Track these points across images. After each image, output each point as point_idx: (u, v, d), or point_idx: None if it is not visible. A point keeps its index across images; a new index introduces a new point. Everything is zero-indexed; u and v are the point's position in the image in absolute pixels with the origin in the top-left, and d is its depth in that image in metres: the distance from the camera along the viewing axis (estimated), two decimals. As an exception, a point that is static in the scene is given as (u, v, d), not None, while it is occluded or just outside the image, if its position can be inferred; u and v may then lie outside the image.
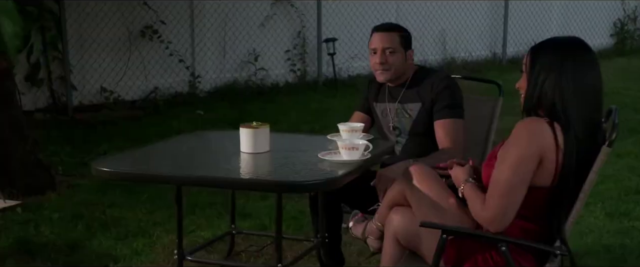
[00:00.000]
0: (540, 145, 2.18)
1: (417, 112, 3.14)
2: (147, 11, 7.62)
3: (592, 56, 2.30)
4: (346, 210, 3.14)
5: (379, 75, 3.20)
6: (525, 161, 2.19)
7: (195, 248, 2.97)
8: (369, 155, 2.59)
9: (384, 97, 3.26)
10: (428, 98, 3.12)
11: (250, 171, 2.58)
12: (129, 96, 7.63)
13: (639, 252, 3.70)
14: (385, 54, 3.15)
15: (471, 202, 2.37)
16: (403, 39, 3.20)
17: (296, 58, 8.76)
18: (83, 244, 3.96)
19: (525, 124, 2.25)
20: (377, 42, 3.18)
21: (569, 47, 2.32)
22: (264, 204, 4.59)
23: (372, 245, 2.80)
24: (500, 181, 2.22)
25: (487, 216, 2.25)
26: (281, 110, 7.58)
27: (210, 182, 2.54)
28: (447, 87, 3.10)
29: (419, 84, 3.17)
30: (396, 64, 3.16)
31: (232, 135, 3.08)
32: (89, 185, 5.07)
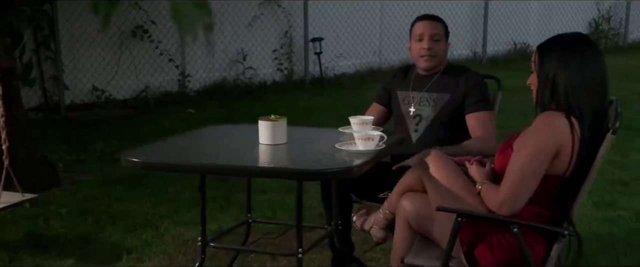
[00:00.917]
0: (557, 139, 2.36)
1: (444, 103, 3.27)
2: (137, 11, 7.72)
3: (596, 50, 2.47)
4: (355, 200, 3.31)
5: (424, 61, 3.30)
6: (542, 152, 2.36)
7: (215, 236, 3.11)
8: (384, 145, 2.75)
9: (409, 85, 3.37)
10: (459, 91, 3.25)
11: (272, 160, 2.72)
12: (121, 95, 7.73)
13: (626, 239, 3.90)
14: (433, 40, 3.27)
15: (489, 196, 2.53)
16: (446, 30, 3.36)
17: (283, 57, 8.92)
18: (93, 237, 4.08)
19: (545, 117, 2.41)
20: (424, 28, 3.29)
21: (574, 42, 2.49)
22: (263, 197, 4.73)
23: (376, 235, 2.95)
24: (515, 170, 2.39)
25: (499, 200, 2.43)
26: (269, 108, 7.66)
27: (236, 170, 2.69)
28: (479, 83, 3.27)
29: (450, 76, 3.31)
30: (440, 53, 3.30)
31: (246, 128, 3.23)
32: (92, 181, 5.18)
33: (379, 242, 2.96)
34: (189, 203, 4.68)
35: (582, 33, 2.56)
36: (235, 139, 3.07)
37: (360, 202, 3.28)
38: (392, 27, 9.84)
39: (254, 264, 3.61)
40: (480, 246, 2.51)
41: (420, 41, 3.31)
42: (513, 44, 10.89)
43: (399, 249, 2.74)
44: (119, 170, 5.49)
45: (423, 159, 2.81)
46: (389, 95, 3.49)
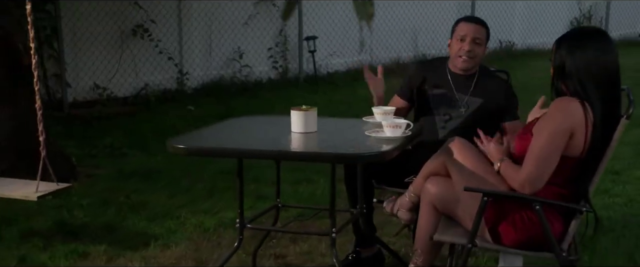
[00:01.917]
0: (571, 121, 2.60)
1: (476, 107, 3.44)
2: (138, 11, 7.87)
3: (608, 40, 2.70)
4: (375, 185, 3.52)
5: (463, 62, 3.43)
6: (559, 134, 2.60)
7: (251, 218, 3.31)
8: (410, 132, 2.98)
9: (444, 83, 3.49)
10: (493, 101, 3.41)
11: (308, 146, 2.94)
12: (121, 93, 7.88)
13: (622, 223, 4.17)
14: (474, 43, 3.42)
15: (509, 174, 2.76)
16: (488, 35, 3.50)
17: (278, 55, 9.11)
18: (118, 225, 4.26)
19: (559, 102, 2.66)
20: (468, 30, 3.42)
21: (587, 33, 2.73)
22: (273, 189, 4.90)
23: (403, 217, 3.17)
24: (536, 151, 2.63)
25: (521, 179, 2.66)
26: (266, 105, 7.92)
27: (277, 155, 2.91)
28: (515, 95, 3.47)
29: (486, 83, 3.46)
30: (479, 56, 3.44)
31: (275, 119, 3.44)
32: (107, 174, 5.35)
33: (406, 225, 3.17)
34: (203, 194, 4.87)
35: (597, 27, 2.80)
36: (268, 128, 3.28)
37: (380, 187, 3.50)
38: (381, 26, 10.08)
39: (276, 247, 3.81)
40: (503, 223, 2.74)
41: (462, 42, 3.42)
42: (499, 43, 11.19)
43: (424, 229, 2.97)
44: (130, 164, 5.68)
45: (446, 145, 3.04)
46: (412, 90, 3.59)
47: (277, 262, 3.65)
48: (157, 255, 3.79)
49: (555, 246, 2.64)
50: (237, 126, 3.32)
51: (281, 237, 3.94)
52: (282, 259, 3.71)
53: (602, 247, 3.74)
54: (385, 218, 4.16)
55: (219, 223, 4.25)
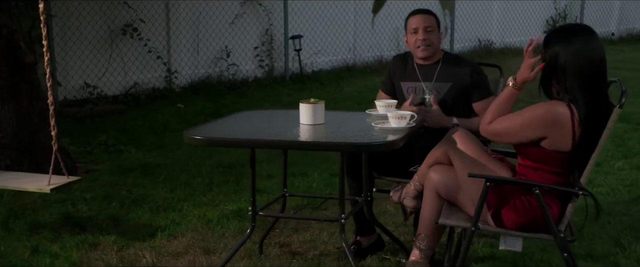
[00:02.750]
0: (550, 126, 2.79)
1: (446, 91, 3.65)
2: (127, 10, 7.96)
3: (594, 36, 2.89)
4: (375, 176, 3.69)
5: (421, 51, 3.66)
6: (532, 125, 2.81)
7: (262, 206, 3.45)
8: (414, 123, 3.15)
9: (412, 75, 3.73)
10: (461, 82, 3.62)
11: (318, 136, 3.10)
12: (111, 91, 7.97)
13: (607, 210, 4.37)
14: (427, 31, 3.65)
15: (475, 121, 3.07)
16: (438, 21, 3.73)
17: (264, 54, 9.25)
18: (123, 217, 4.38)
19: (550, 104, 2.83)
20: (418, 22, 3.66)
21: (574, 30, 2.91)
22: (272, 181, 5.07)
23: (408, 204, 3.34)
24: (510, 119, 2.89)
25: (484, 123, 2.96)
26: (254, 103, 8.05)
27: (290, 145, 3.06)
28: (483, 74, 3.67)
29: (450, 67, 3.67)
30: (435, 42, 3.67)
31: (283, 113, 3.60)
32: (106, 170, 5.46)
33: (412, 211, 3.34)
34: (202, 188, 5.00)
35: (584, 24, 2.98)
36: (277, 120, 3.43)
37: (380, 178, 3.67)
38: (364, 26, 10.27)
39: (280, 236, 3.96)
40: (504, 208, 2.92)
41: (416, 33, 3.67)
42: (478, 41, 11.45)
43: (427, 214, 3.15)
44: (128, 160, 5.78)
45: (449, 135, 3.22)
46: (392, 84, 3.83)
47: (282, 251, 3.80)
48: (164, 245, 3.92)
49: (554, 228, 2.82)
50: (247, 119, 3.47)
51: (284, 226, 4.09)
52: (287, 247, 3.86)
53: (590, 233, 3.95)
54: (381, 209, 4.34)
55: (221, 215, 4.38)
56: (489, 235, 3.82)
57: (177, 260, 3.71)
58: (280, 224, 4.06)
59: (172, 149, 6.17)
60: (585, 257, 3.62)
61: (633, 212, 4.34)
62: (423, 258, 3.16)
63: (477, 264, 3.57)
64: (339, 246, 3.80)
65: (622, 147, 5.96)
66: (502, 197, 2.93)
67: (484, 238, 3.83)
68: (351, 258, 3.16)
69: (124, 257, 3.74)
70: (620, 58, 11.03)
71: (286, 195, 3.64)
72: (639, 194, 4.72)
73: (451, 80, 3.67)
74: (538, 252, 3.67)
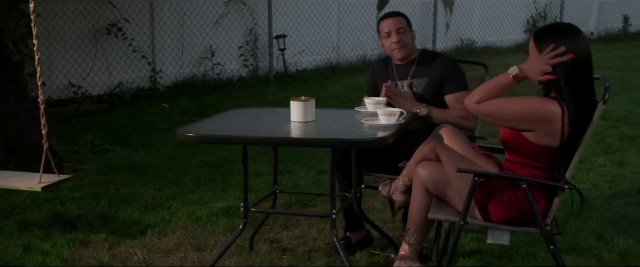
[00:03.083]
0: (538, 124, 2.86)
1: (424, 87, 3.74)
2: (111, 10, 7.96)
3: (580, 34, 2.96)
4: (364, 172, 3.75)
5: (397, 53, 3.77)
6: (523, 118, 2.88)
7: (254, 202, 3.50)
8: (404, 120, 3.21)
9: (393, 76, 3.83)
10: (437, 76, 3.72)
11: (309, 133, 3.15)
12: (96, 91, 7.96)
13: (589, 205, 4.45)
14: (399, 34, 3.75)
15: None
16: (408, 21, 3.83)
17: (249, 54, 9.28)
18: (113, 216, 4.40)
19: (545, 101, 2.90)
20: (390, 25, 3.77)
21: (561, 28, 2.98)
22: (259, 180, 5.11)
23: (397, 199, 3.40)
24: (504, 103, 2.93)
25: (473, 101, 2.98)
26: (239, 103, 8.08)
27: (283, 141, 3.11)
28: (457, 67, 3.76)
29: (427, 63, 3.78)
30: (409, 42, 3.77)
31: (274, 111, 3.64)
32: (93, 169, 5.47)
33: (401, 206, 3.41)
34: (190, 186, 5.03)
35: (570, 23, 3.06)
36: (268, 118, 3.48)
37: (369, 174, 3.73)
38: (347, 26, 10.34)
39: (270, 233, 4.01)
40: (492, 202, 2.99)
41: (389, 37, 3.78)
42: (460, 41, 11.55)
43: (417, 210, 3.21)
44: (115, 159, 5.80)
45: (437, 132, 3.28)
46: (376, 87, 3.91)
47: (272, 247, 3.84)
48: (155, 242, 3.95)
49: (540, 222, 2.90)
50: (238, 117, 3.52)
51: (274, 223, 4.14)
52: (277, 243, 3.90)
53: (573, 228, 4.04)
54: (369, 206, 4.40)
55: (210, 213, 4.42)
56: (476, 230, 3.91)
57: (169, 257, 3.74)
58: (269, 221, 4.10)
59: (158, 149, 6.19)
60: (569, 251, 3.70)
61: (614, 208, 4.44)
62: (412, 253, 3.23)
63: (464, 259, 3.63)
64: (329, 242, 3.85)
65: (603, 144, 6.08)
66: (490, 192, 3.00)
67: (471, 233, 3.90)
68: (342, 253, 3.22)
69: (116, 254, 3.77)
70: (599, 57, 11.17)
71: (277, 192, 3.69)
72: (620, 190, 4.83)
73: (427, 76, 3.76)
74: (524, 247, 3.75)
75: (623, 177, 5.13)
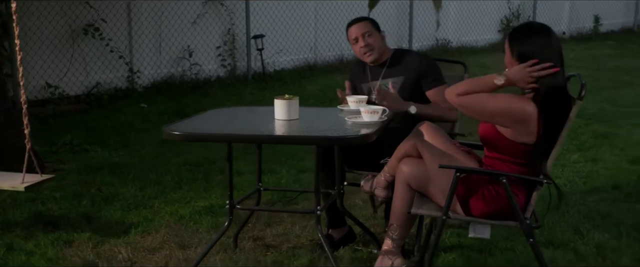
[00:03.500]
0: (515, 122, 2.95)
1: (400, 85, 3.82)
2: (88, 10, 7.93)
3: (552, 33, 3.04)
4: (347, 170, 3.81)
5: (367, 57, 3.87)
6: (501, 115, 2.97)
7: (239, 200, 3.53)
8: (386, 117, 3.27)
9: (367, 77, 3.93)
10: (412, 73, 3.79)
11: (293, 130, 3.20)
12: (73, 91, 7.93)
13: (565, 200, 4.55)
14: (366, 38, 3.82)
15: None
16: (373, 24, 3.91)
17: (226, 54, 9.30)
18: (95, 215, 4.41)
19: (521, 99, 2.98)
20: (355, 31, 3.86)
21: (534, 28, 3.06)
22: (241, 178, 5.13)
23: (379, 194, 3.46)
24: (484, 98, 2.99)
25: (454, 93, 3.04)
26: (217, 102, 8.09)
27: (267, 139, 3.15)
28: (431, 63, 3.85)
29: (400, 61, 3.86)
30: (377, 44, 3.85)
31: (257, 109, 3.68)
32: (74, 169, 5.47)
33: (382, 201, 3.46)
34: (172, 186, 5.05)
35: (543, 23, 3.13)
36: (252, 117, 3.52)
37: (351, 171, 3.78)
38: (324, 26, 10.40)
39: (253, 230, 4.05)
40: (473, 197, 3.06)
41: (357, 42, 3.88)
42: (435, 40, 11.67)
43: (399, 205, 3.26)
44: (95, 159, 5.80)
45: (417, 128, 3.35)
46: (355, 87, 4.01)
47: (256, 244, 3.88)
48: (139, 241, 3.97)
49: (520, 215, 2.98)
50: (221, 116, 3.55)
51: (257, 221, 4.17)
52: (261, 240, 3.94)
53: (550, 222, 4.13)
54: (351, 202, 4.46)
55: (193, 211, 4.45)
56: (456, 225, 3.99)
57: (153, 255, 3.76)
58: (252, 219, 4.14)
59: (137, 149, 6.20)
60: (546, 245, 3.79)
61: (589, 202, 4.55)
62: (395, 247, 3.29)
63: (445, 253, 3.71)
64: (312, 239, 3.90)
65: (577, 141, 6.20)
66: (471, 187, 3.07)
67: (451, 228, 3.97)
68: (327, 248, 3.27)
69: (100, 253, 3.78)
70: (571, 56, 11.35)
71: (261, 189, 3.73)
72: (594, 185, 4.94)
73: (403, 74, 3.84)
74: (502, 241, 3.83)
75: (596, 173, 5.25)
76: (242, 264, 3.61)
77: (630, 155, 5.74)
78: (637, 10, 15.59)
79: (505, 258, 3.64)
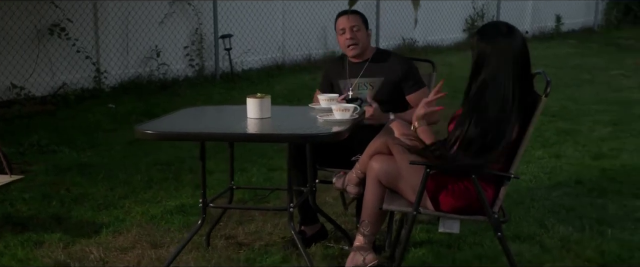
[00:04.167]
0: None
1: (380, 85, 3.87)
2: (54, 10, 7.86)
3: (518, 33, 3.12)
4: (318, 168, 3.85)
5: (350, 50, 3.88)
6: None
7: (211, 198, 3.56)
8: (357, 115, 3.33)
9: (346, 73, 3.95)
10: (393, 74, 3.84)
11: (266, 129, 3.23)
12: (39, 92, 7.84)
13: (530, 195, 4.68)
14: (353, 31, 3.85)
15: (426, 140, 3.19)
16: (363, 19, 3.94)
17: (194, 53, 9.28)
18: (65, 216, 4.39)
19: None
20: (344, 22, 3.87)
21: (498, 28, 3.13)
22: (212, 177, 5.12)
23: (351, 191, 3.51)
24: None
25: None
26: (185, 102, 8.05)
27: (240, 137, 3.18)
28: (412, 66, 3.89)
29: (382, 61, 3.90)
30: (363, 40, 3.88)
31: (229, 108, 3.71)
32: (42, 170, 5.43)
33: (353, 198, 3.52)
34: (142, 185, 5.05)
35: (508, 23, 3.20)
36: (224, 115, 3.55)
37: (323, 169, 3.83)
38: (292, 25, 10.43)
39: (225, 229, 4.07)
40: (442, 192, 3.13)
41: (343, 33, 3.89)
42: (402, 40, 11.78)
43: (370, 202, 3.32)
44: (63, 160, 5.76)
45: (388, 126, 3.41)
46: (330, 83, 4.04)
47: (228, 242, 3.91)
48: (111, 241, 3.97)
49: (488, 210, 3.05)
50: (194, 114, 3.57)
51: (229, 220, 4.20)
52: (233, 238, 3.97)
53: (516, 217, 4.23)
54: (321, 200, 4.51)
55: (164, 210, 4.45)
56: (426, 220, 4.06)
57: (126, 254, 3.77)
58: (224, 218, 4.15)
59: (106, 149, 6.17)
60: (513, 239, 3.88)
61: (553, 197, 4.66)
62: (367, 243, 3.34)
63: (415, 249, 3.77)
64: (284, 236, 3.94)
65: (541, 137, 6.34)
66: (440, 183, 3.14)
67: (421, 223, 4.04)
68: (300, 244, 3.31)
69: (71, 253, 3.78)
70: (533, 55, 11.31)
71: (233, 188, 3.76)
72: (558, 181, 5.07)
73: (383, 75, 3.88)
74: (471, 236, 3.92)
75: (560, 169, 5.38)
76: (215, 262, 3.63)
77: (592, 151, 5.89)
78: (597, 10, 15.92)
79: (473, 252, 3.72)
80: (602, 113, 7.46)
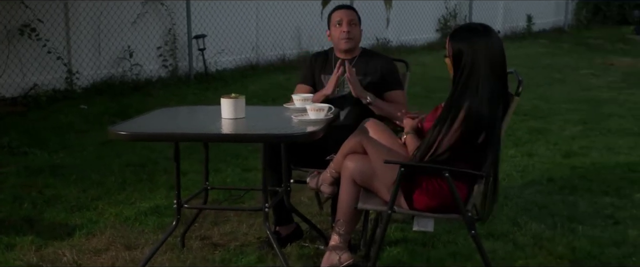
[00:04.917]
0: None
1: (365, 84, 3.85)
2: (24, 10, 7.76)
3: (493, 33, 3.16)
4: (292, 168, 3.85)
5: (344, 43, 3.88)
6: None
7: (186, 199, 3.54)
8: (332, 115, 3.34)
9: (331, 68, 3.93)
10: (376, 74, 3.86)
11: (240, 129, 3.23)
12: (9, 93, 7.74)
13: (503, 194, 4.71)
14: (350, 25, 3.86)
15: (411, 147, 3.22)
16: (359, 18, 3.95)
17: (168, 54, 9.22)
18: (37, 218, 4.34)
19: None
20: (343, 15, 3.88)
21: (474, 28, 3.16)
22: (186, 178, 5.09)
23: (325, 190, 3.52)
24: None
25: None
26: (159, 103, 8.00)
27: (214, 137, 3.17)
28: (394, 67, 3.92)
29: (366, 61, 3.91)
30: (356, 36, 3.90)
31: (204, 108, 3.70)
32: (13, 171, 5.36)
33: (328, 197, 3.53)
34: (115, 187, 5.01)
35: (484, 23, 3.24)
36: (198, 116, 3.54)
37: (297, 169, 3.83)
38: (266, 25, 10.42)
39: (200, 230, 4.05)
40: (417, 191, 3.15)
41: (340, 26, 3.89)
42: (376, 39, 11.82)
43: (345, 201, 3.34)
44: (35, 161, 5.69)
45: (362, 125, 3.43)
46: (313, 77, 4.03)
47: (203, 243, 3.90)
48: (84, 243, 3.93)
49: (462, 208, 3.08)
50: (168, 115, 3.56)
51: (204, 220, 4.18)
52: (208, 239, 3.96)
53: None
54: (296, 200, 4.51)
55: (138, 212, 4.42)
56: (400, 219, 4.08)
57: (99, 257, 3.74)
58: (199, 218, 4.14)
59: (78, 150, 6.11)
60: (487, 236, 3.92)
61: (526, 195, 4.72)
62: (342, 242, 3.35)
63: (390, 247, 3.80)
64: (259, 236, 3.94)
65: (513, 136, 6.41)
66: (415, 182, 3.16)
67: (395, 222, 4.07)
68: (275, 244, 3.31)
69: (44, 256, 3.73)
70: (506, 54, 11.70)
71: (208, 188, 3.75)
72: (530, 179, 5.13)
73: (368, 74, 3.89)
74: (444, 234, 3.95)
75: (532, 167, 5.44)
76: (190, 263, 3.62)
77: (563, 149, 5.97)
78: (567, 10, 16.12)
79: (448, 250, 3.75)
80: (573, 112, 7.57)
